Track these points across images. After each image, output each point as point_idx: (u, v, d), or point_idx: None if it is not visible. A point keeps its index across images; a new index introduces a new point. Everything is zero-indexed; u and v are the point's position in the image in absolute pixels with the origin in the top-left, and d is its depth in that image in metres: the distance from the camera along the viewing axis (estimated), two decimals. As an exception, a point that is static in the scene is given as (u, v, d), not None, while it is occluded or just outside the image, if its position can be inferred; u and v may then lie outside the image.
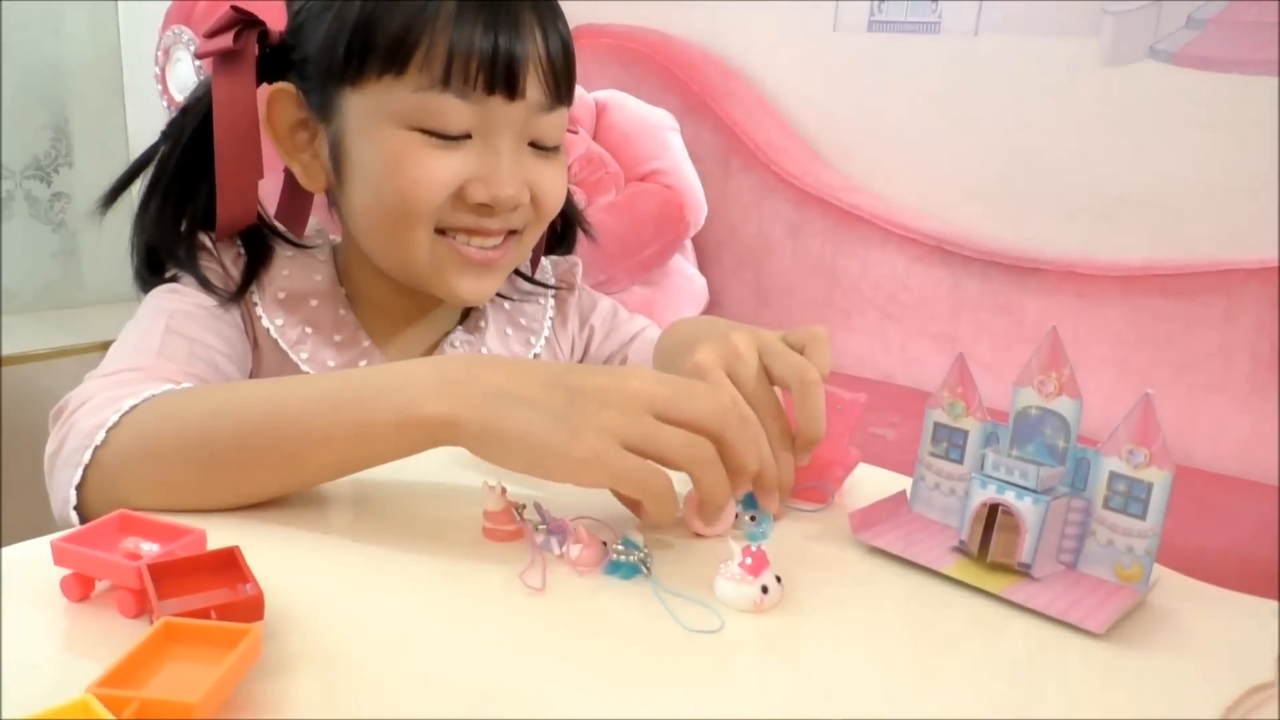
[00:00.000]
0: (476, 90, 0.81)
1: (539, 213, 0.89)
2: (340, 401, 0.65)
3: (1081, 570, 0.64)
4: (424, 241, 0.85)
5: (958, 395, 0.69)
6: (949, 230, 1.90)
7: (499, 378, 0.63)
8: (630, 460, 0.61)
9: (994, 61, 1.92)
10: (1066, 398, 0.64)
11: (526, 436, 0.61)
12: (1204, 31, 1.64)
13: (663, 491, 0.62)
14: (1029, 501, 0.62)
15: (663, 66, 2.26)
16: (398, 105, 0.81)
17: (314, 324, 0.91)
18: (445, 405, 0.62)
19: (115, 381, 0.75)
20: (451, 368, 0.64)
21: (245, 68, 0.86)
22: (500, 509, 0.65)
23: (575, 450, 0.60)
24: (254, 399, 0.68)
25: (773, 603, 0.58)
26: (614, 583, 0.61)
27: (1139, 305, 1.62)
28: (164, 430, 0.68)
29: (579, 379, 0.64)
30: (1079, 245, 1.78)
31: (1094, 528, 0.63)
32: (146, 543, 0.57)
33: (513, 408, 0.62)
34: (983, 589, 0.62)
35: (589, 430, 0.61)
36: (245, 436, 0.66)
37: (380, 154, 0.83)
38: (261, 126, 0.88)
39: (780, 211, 2.11)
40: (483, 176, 0.83)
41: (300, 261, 0.93)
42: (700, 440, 0.63)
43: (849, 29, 2.10)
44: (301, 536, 0.65)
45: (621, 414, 0.62)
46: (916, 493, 0.72)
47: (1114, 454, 0.62)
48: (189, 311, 0.86)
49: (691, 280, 2.18)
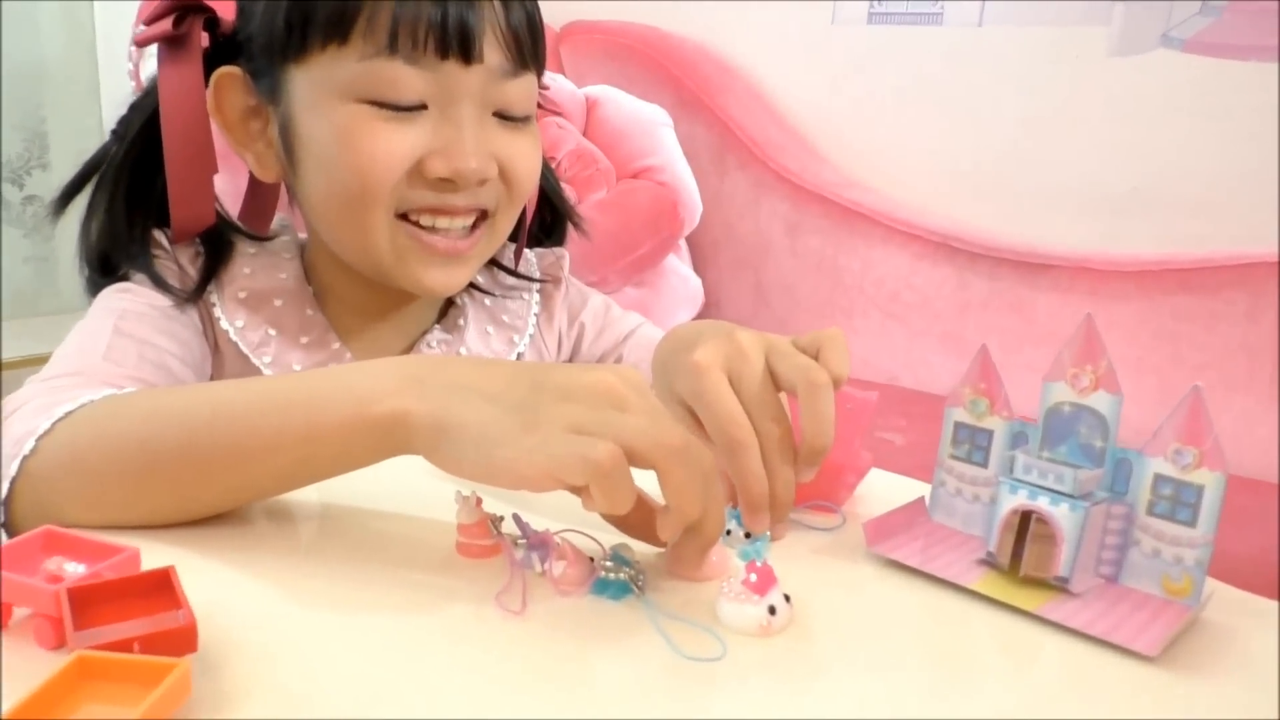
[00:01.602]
0: (427, 54, 0.76)
1: (511, 190, 0.84)
2: (290, 402, 0.59)
3: (1124, 584, 0.58)
4: (383, 227, 0.80)
5: (980, 391, 0.63)
6: (954, 226, 1.87)
7: (464, 373, 0.57)
8: (573, 439, 0.52)
9: (999, 53, 1.89)
10: (1104, 392, 0.57)
11: (477, 429, 0.54)
12: (1219, 18, 1.59)
13: (607, 465, 0.51)
14: (1065, 508, 0.56)
15: (655, 62, 2.24)
16: (344, 76, 0.76)
17: (279, 325, 0.86)
18: (398, 401, 0.55)
19: (53, 387, 0.70)
20: (418, 365, 0.58)
21: (191, 56, 0.81)
22: (475, 521, 0.59)
23: (524, 439, 0.52)
24: (196, 402, 0.62)
25: (781, 625, 0.52)
26: (602, 604, 0.55)
27: (1156, 302, 1.57)
28: (98, 438, 0.62)
29: (548, 375, 0.56)
30: (1090, 240, 1.74)
31: (1137, 536, 0.57)
32: (72, 563, 0.51)
33: (468, 399, 0.55)
34: (1015, 606, 0.55)
35: (543, 421, 0.53)
36: (186, 443, 0.60)
37: (330, 131, 0.78)
38: (211, 117, 0.82)
39: (778, 209, 2.08)
40: (441, 149, 0.78)
41: (263, 259, 0.88)
42: (670, 427, 0.54)
43: (848, 22, 2.08)
44: (250, 553, 0.59)
45: (581, 405, 0.54)
46: (936, 499, 0.66)
47: (1159, 454, 0.56)
48: (140, 312, 0.80)
49: (686, 281, 2.15)
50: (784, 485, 0.62)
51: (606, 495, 0.52)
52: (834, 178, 2.06)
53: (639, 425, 0.53)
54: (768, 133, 2.13)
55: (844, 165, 2.12)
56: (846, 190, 2.01)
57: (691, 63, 2.24)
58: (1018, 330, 1.74)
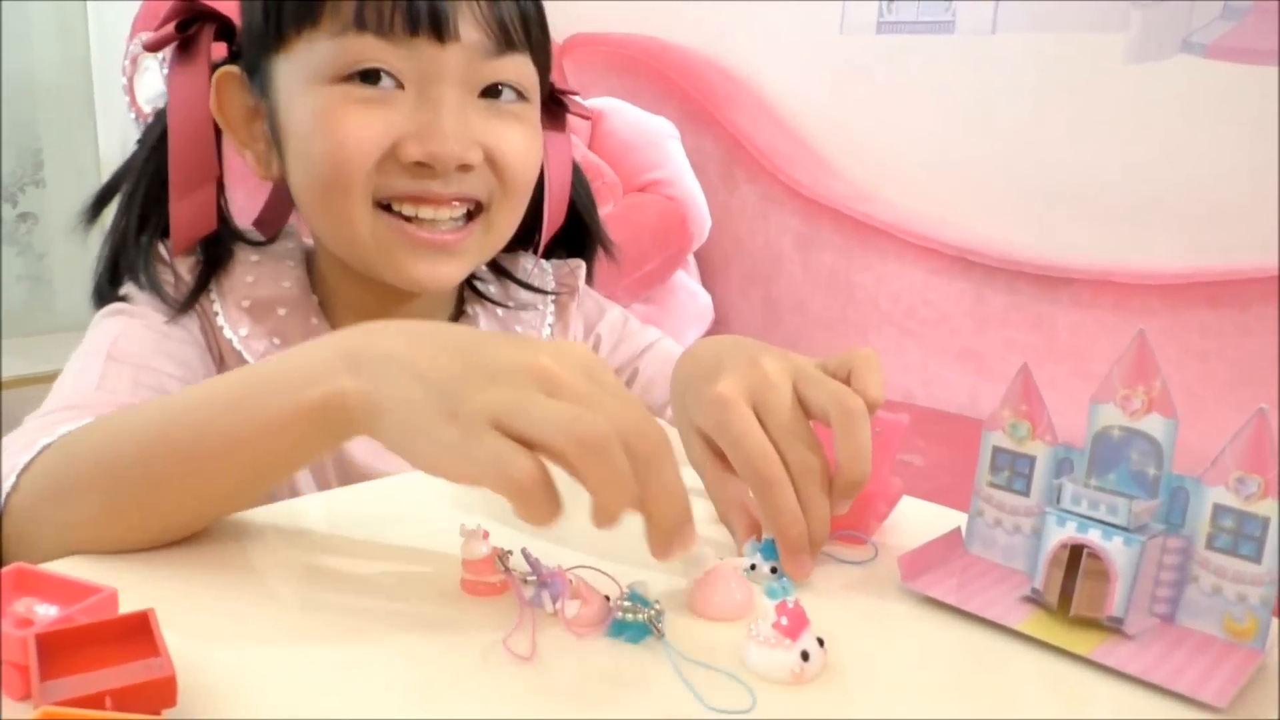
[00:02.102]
0: (395, 30, 0.73)
1: (504, 181, 0.80)
2: (234, 400, 0.56)
3: (1181, 624, 0.53)
4: (362, 216, 0.78)
5: (1022, 414, 0.59)
6: (970, 239, 1.84)
7: (397, 343, 0.53)
8: (492, 444, 0.48)
9: (1013, 61, 1.86)
10: (1158, 415, 0.53)
11: (403, 411, 0.50)
12: (1241, 22, 1.55)
13: (527, 485, 0.47)
14: (1119, 542, 0.52)
15: (660, 74, 2.22)
16: (319, 58, 0.75)
17: (283, 335, 0.84)
18: (331, 383, 0.52)
19: (46, 423, 0.68)
20: (352, 338, 0.55)
21: (198, 62, 0.81)
22: (481, 557, 0.55)
23: (442, 434, 0.49)
24: (151, 413, 0.60)
25: (814, 672, 0.48)
26: (619, 647, 0.51)
27: (1184, 317, 1.53)
28: (66, 462, 0.61)
29: (481, 349, 0.52)
30: (1113, 253, 1.70)
31: (1196, 572, 0.53)
32: (44, 605, 0.48)
33: (397, 376, 0.51)
34: (1066, 649, 0.51)
35: (464, 411, 0.49)
36: (145, 455, 0.57)
37: (307, 116, 0.77)
38: (215, 117, 0.82)
39: (788, 223, 2.05)
40: (417, 131, 0.75)
41: (266, 268, 0.86)
42: (590, 416, 0.48)
43: (856, 30, 2.05)
44: (238, 593, 0.55)
45: (506, 388, 0.50)
46: (973, 530, 0.62)
47: (1219, 483, 0.52)
48: (134, 334, 0.79)
49: (695, 297, 2.12)
50: (819, 522, 0.58)
51: (526, 512, 0.48)
52: (845, 190, 2.04)
53: (556, 420, 0.48)
54: (777, 144, 2.11)
55: (855, 177, 2.09)
56: (858, 203, 1.98)
57: (697, 74, 2.21)
58: (1038, 347, 1.70)
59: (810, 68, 2.14)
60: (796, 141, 2.15)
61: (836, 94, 2.11)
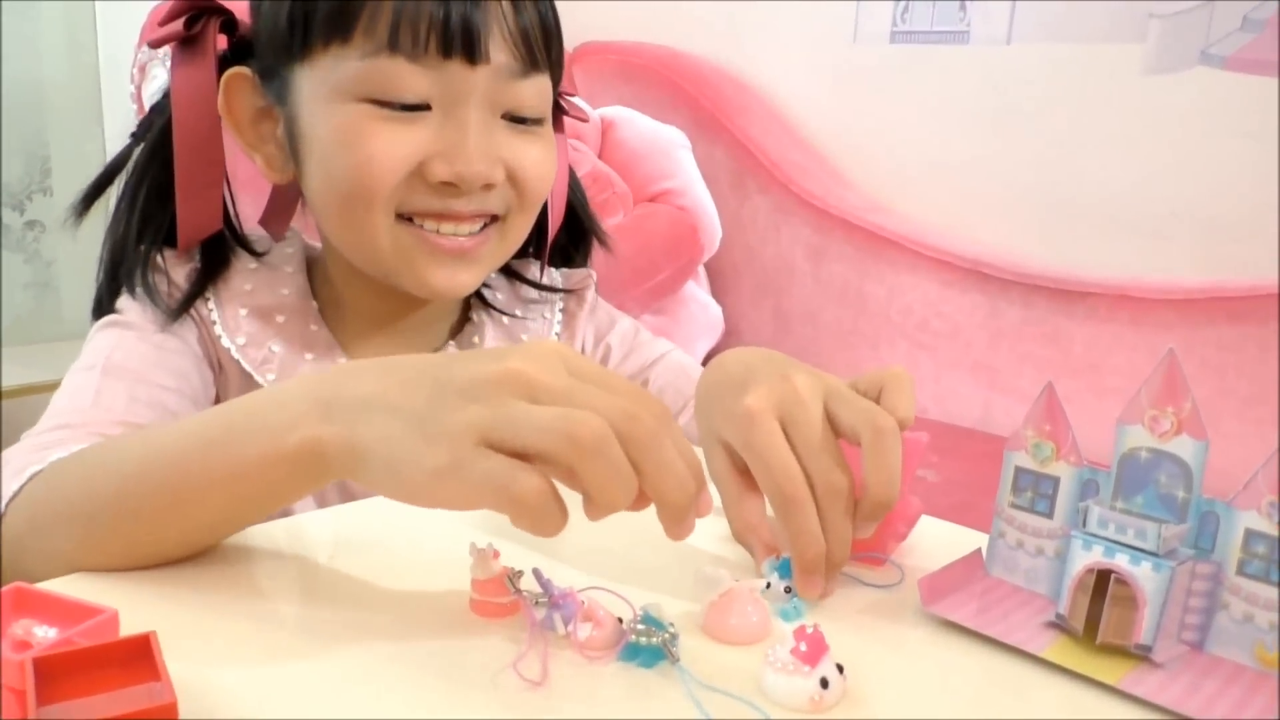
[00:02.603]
0: (429, 52, 0.73)
1: (521, 196, 0.81)
2: (210, 441, 0.56)
3: (1210, 652, 0.52)
4: (384, 228, 0.77)
5: (1045, 434, 0.57)
6: (985, 252, 1.82)
7: (369, 382, 0.52)
8: (486, 463, 0.48)
9: (1029, 72, 1.84)
10: (1188, 437, 0.52)
11: (384, 449, 0.50)
12: (1261, 34, 1.54)
13: (529, 494, 0.47)
14: (1148, 567, 0.50)
15: (671, 82, 2.20)
16: (347, 75, 0.74)
17: (281, 342, 0.83)
18: (307, 429, 0.52)
19: (37, 445, 0.68)
20: (324, 383, 0.54)
21: (204, 58, 0.79)
22: (491, 577, 0.53)
23: (427, 460, 0.48)
24: (131, 449, 0.60)
25: (834, 700, 0.46)
26: (632, 672, 0.49)
27: (1200, 332, 1.52)
28: (49, 494, 0.61)
29: (450, 371, 0.51)
30: (1129, 266, 1.68)
31: (1226, 599, 0.51)
32: (43, 627, 0.46)
33: (372, 416, 0.51)
34: (1093, 678, 0.50)
35: (445, 432, 0.48)
36: (122, 490, 0.57)
37: (331, 130, 0.76)
38: (222, 118, 0.81)
39: (800, 234, 2.04)
40: (444, 151, 0.75)
41: (264, 274, 0.86)
42: (580, 416, 0.47)
43: (870, 39, 2.04)
44: (243, 614, 0.53)
45: (485, 405, 0.49)
46: (994, 552, 0.60)
47: (1250, 507, 0.50)
48: (130, 347, 0.78)
49: (706, 308, 2.11)
50: (840, 544, 0.57)
51: (534, 526, 0.48)
52: (858, 201, 2.02)
53: (545, 425, 0.47)
54: (789, 155, 2.09)
55: (868, 188, 2.07)
56: (871, 214, 1.97)
57: (709, 83, 2.20)
58: (1053, 361, 1.68)
59: (823, 77, 2.13)
60: (809, 151, 2.14)
61: (849, 103, 2.09)
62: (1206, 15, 1.60)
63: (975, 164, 1.92)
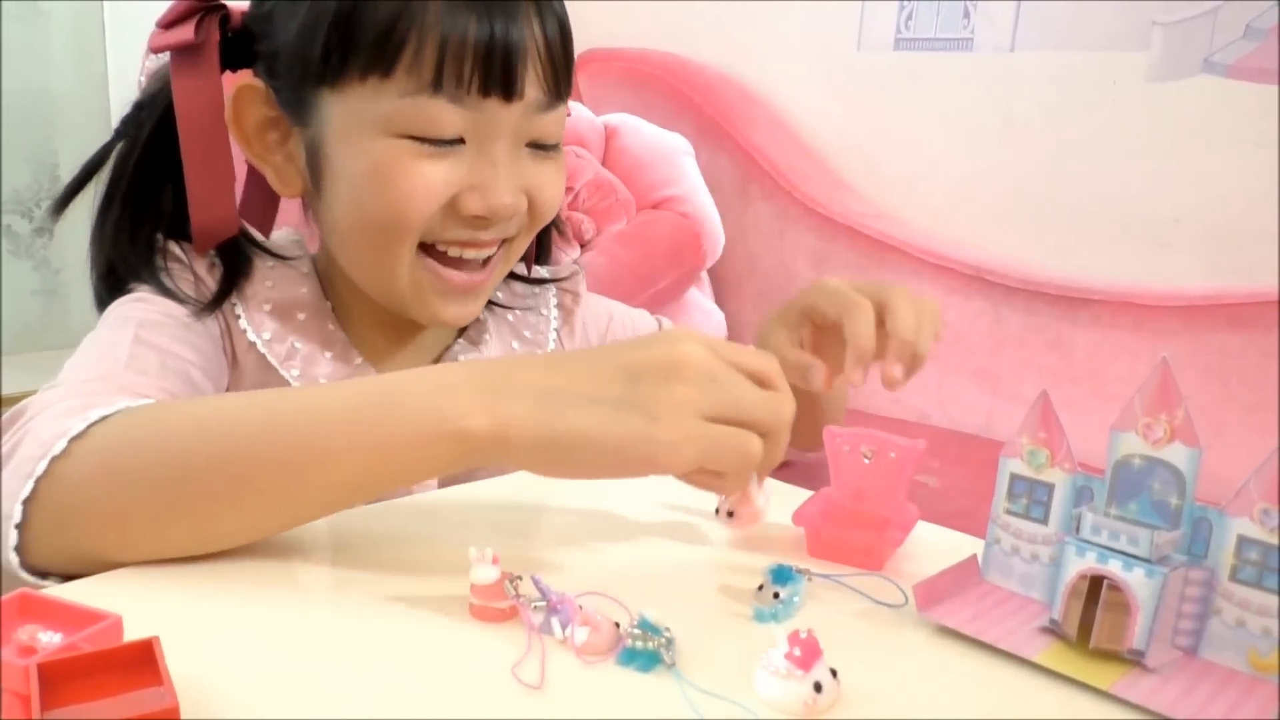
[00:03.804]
0: (471, 94, 0.73)
1: (533, 218, 0.82)
2: (357, 411, 0.58)
3: (1204, 657, 0.52)
4: (405, 260, 0.78)
5: (1040, 441, 0.58)
6: (988, 258, 1.81)
7: (539, 375, 0.58)
8: (720, 429, 0.57)
9: (1033, 79, 1.84)
10: (1181, 444, 0.52)
11: (596, 435, 0.56)
12: (1264, 42, 1.54)
13: (758, 453, 0.58)
14: (1140, 573, 0.51)
15: (675, 90, 2.20)
16: (384, 111, 0.74)
17: (303, 338, 0.83)
18: (488, 418, 0.56)
19: (83, 390, 0.66)
20: (485, 374, 0.58)
21: (208, 62, 0.78)
22: (491, 582, 0.54)
23: (659, 433, 0.55)
24: (244, 409, 0.60)
25: (827, 704, 0.47)
26: (628, 676, 0.50)
27: (1204, 339, 1.51)
28: (134, 443, 0.59)
29: (628, 359, 0.58)
30: (1132, 273, 1.68)
31: (1219, 605, 0.52)
32: (48, 632, 0.47)
33: (568, 406, 0.56)
34: (1086, 683, 0.50)
35: (665, 409, 0.56)
36: (237, 453, 0.57)
37: (365, 164, 0.75)
38: (229, 129, 0.80)
39: (803, 241, 2.03)
40: (477, 185, 0.76)
41: (282, 273, 0.85)
42: (780, 397, 0.59)
43: (874, 47, 2.03)
44: (243, 619, 0.54)
45: (691, 385, 0.57)
46: (990, 558, 0.61)
47: (1243, 514, 0.51)
48: (158, 321, 0.76)
49: (709, 315, 2.11)
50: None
51: (740, 480, 0.61)
52: (861, 208, 2.02)
53: (760, 403, 0.58)
54: (792, 161, 2.09)
55: (871, 195, 2.07)
56: (875, 221, 1.96)
57: (713, 90, 2.20)
58: (1056, 368, 1.68)
59: (827, 84, 2.12)
60: (812, 158, 2.14)
61: (853, 111, 2.09)
62: (1210, 24, 1.60)
63: (978, 171, 1.92)
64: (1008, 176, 1.89)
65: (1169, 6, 1.64)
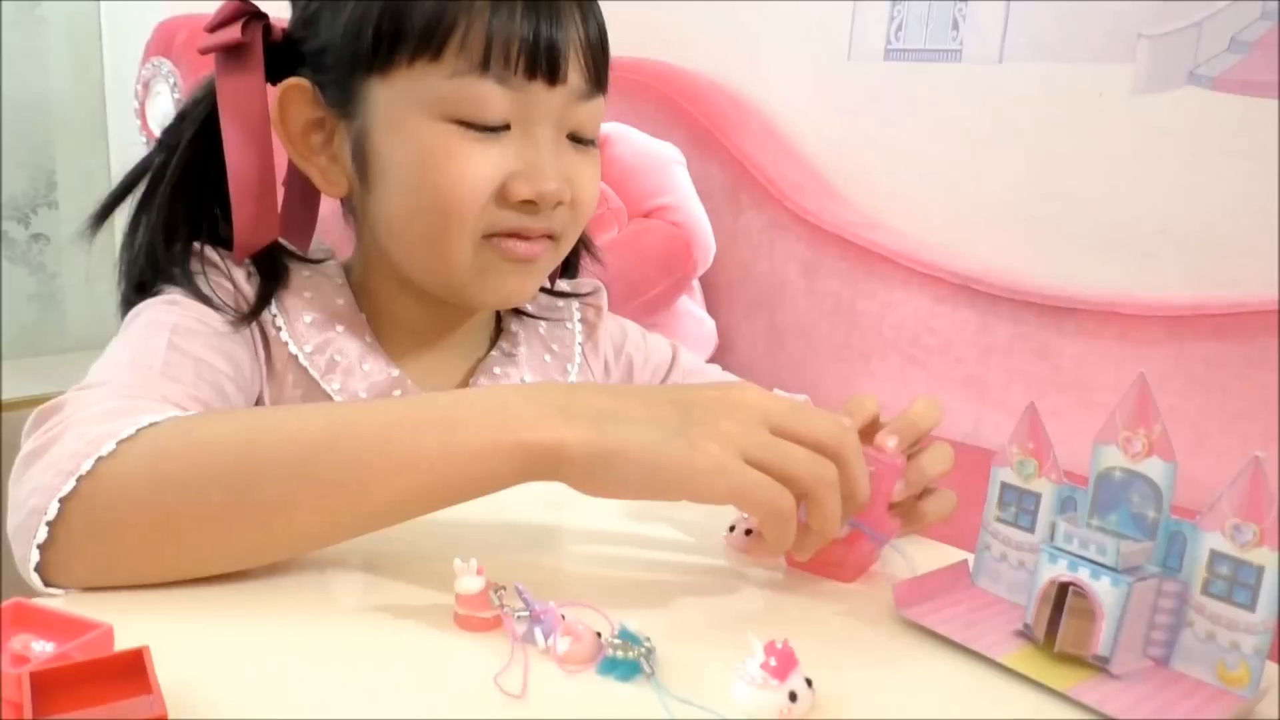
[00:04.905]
0: (517, 75, 0.74)
1: (575, 215, 0.82)
2: (421, 422, 0.59)
3: (1174, 668, 0.53)
4: (467, 249, 0.78)
5: (1029, 452, 0.59)
6: (976, 268, 1.81)
7: (601, 400, 0.60)
8: (756, 474, 0.57)
9: (1020, 90, 1.84)
10: (1158, 459, 0.53)
11: (642, 453, 0.57)
12: (1248, 55, 1.54)
13: (790, 512, 0.57)
14: (1106, 582, 0.52)
15: (667, 98, 2.20)
16: (432, 94, 0.75)
17: (342, 351, 0.83)
18: (550, 430, 0.57)
19: (124, 393, 0.66)
20: (551, 393, 0.61)
21: (254, 64, 0.78)
22: (476, 592, 0.55)
23: (697, 461, 0.56)
24: (307, 419, 0.61)
25: (802, 713, 0.48)
26: (609, 685, 0.51)
27: (1188, 349, 1.51)
28: (188, 447, 0.59)
29: (685, 394, 0.61)
30: (1118, 283, 1.68)
31: (1191, 617, 0.53)
32: (40, 641, 0.48)
33: (624, 426, 0.58)
34: (1044, 684, 0.51)
35: (708, 440, 0.57)
36: (297, 460, 0.58)
37: (414, 150, 0.76)
38: (274, 129, 0.80)
39: (794, 250, 2.03)
40: (525, 171, 0.77)
41: (317, 283, 0.85)
42: (825, 460, 0.58)
43: (864, 57, 2.03)
44: (231, 628, 0.55)
45: (739, 424, 0.58)
46: (980, 564, 0.62)
47: (1215, 529, 0.52)
48: (192, 328, 0.76)
49: (700, 323, 2.10)
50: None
51: (778, 538, 0.58)
52: (852, 217, 2.01)
53: (803, 459, 0.58)
54: (783, 171, 2.08)
55: (862, 204, 2.06)
56: (864, 230, 1.96)
57: (705, 99, 2.19)
58: (1042, 376, 1.68)
59: (818, 94, 2.12)
60: (803, 168, 2.13)
61: (844, 121, 2.09)
62: (1195, 36, 1.60)
63: (967, 181, 1.92)
64: (996, 186, 1.89)
65: (1155, 19, 1.65)
